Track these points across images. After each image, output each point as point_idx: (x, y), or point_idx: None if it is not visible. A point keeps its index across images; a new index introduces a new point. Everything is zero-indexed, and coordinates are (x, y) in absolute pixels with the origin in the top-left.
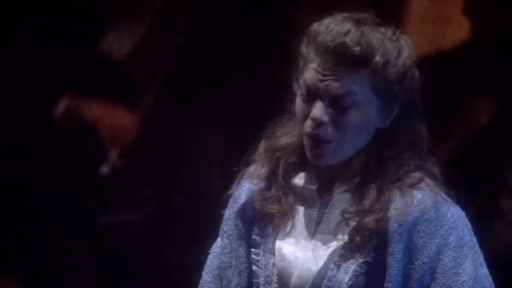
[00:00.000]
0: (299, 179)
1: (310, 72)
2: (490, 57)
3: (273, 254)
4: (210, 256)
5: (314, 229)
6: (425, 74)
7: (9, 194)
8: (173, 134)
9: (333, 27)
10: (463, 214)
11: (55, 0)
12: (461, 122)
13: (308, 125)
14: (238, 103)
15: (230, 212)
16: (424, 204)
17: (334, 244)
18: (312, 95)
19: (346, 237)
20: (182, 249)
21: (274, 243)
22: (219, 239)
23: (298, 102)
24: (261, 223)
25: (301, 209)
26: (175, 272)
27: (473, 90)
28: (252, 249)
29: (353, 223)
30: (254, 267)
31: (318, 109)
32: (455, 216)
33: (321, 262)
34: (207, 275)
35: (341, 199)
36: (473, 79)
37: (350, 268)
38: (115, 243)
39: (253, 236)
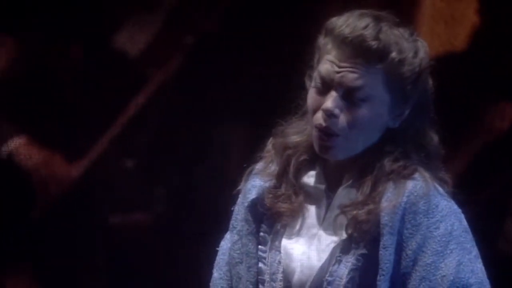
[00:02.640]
0: (308, 178)
1: (326, 64)
2: (502, 57)
3: (279, 251)
4: (219, 253)
5: (319, 227)
6: (437, 74)
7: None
8: (183, 133)
9: (352, 21)
10: (458, 209)
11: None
12: (472, 123)
13: (319, 117)
14: (250, 102)
15: (240, 208)
16: (414, 194)
17: (336, 239)
18: (326, 87)
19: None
20: (192, 247)
21: (281, 241)
22: (227, 235)
23: (311, 94)
24: (270, 220)
25: (309, 208)
26: (186, 271)
27: (485, 91)
28: (260, 246)
29: (349, 217)
30: (260, 264)
31: (331, 101)
32: (446, 210)
33: (323, 257)
34: (217, 273)
35: (344, 195)
36: (485, 80)
37: (349, 262)
38: (126, 243)
39: (261, 233)
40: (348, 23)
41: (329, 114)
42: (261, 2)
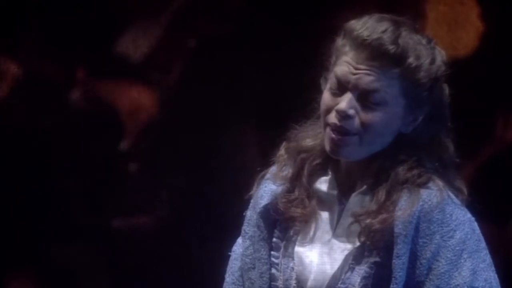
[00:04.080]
0: (321, 183)
1: (343, 65)
2: (505, 62)
3: (292, 258)
4: (231, 258)
5: (332, 233)
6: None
7: (23, 195)
8: (188, 136)
9: (371, 24)
10: (472, 218)
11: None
12: (479, 129)
13: (332, 116)
14: (255, 105)
15: (251, 213)
16: (428, 203)
17: (349, 247)
18: (341, 89)
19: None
20: (195, 251)
21: (293, 247)
22: (239, 240)
23: (326, 95)
24: (282, 226)
25: (322, 213)
26: (189, 275)
27: (487, 96)
28: (272, 252)
29: (363, 225)
30: (273, 270)
31: (346, 102)
32: (460, 218)
33: (336, 265)
34: (229, 277)
35: (356, 202)
36: (487, 85)
37: (362, 270)
38: (129, 247)
39: (274, 239)
40: (367, 25)
41: (343, 116)
42: (266, 4)
